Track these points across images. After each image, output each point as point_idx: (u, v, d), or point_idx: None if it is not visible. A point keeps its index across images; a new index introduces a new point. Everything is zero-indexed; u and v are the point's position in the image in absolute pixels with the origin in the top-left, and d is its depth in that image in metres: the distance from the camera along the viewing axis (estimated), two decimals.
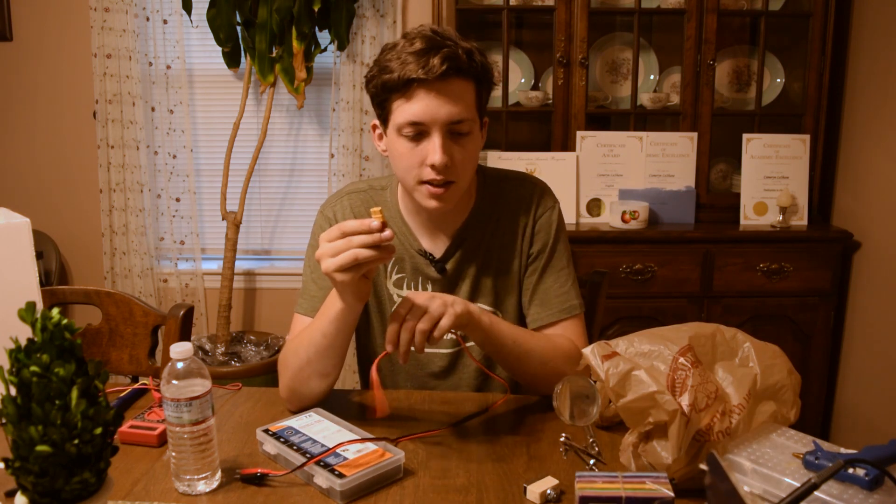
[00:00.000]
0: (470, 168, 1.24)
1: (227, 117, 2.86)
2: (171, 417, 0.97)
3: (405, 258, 1.34)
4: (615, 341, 1.05)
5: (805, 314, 2.55)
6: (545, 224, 1.34)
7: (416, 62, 1.14)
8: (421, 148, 1.19)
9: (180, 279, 3.02)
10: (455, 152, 1.19)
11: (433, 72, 1.13)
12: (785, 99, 2.76)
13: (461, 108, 1.17)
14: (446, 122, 1.17)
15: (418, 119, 1.17)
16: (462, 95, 1.17)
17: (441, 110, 1.16)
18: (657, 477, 0.88)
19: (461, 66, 1.16)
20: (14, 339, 0.70)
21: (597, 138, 2.63)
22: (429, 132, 1.18)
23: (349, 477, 0.97)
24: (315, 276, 1.32)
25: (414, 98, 1.16)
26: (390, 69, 1.17)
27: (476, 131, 1.23)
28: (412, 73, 1.14)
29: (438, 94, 1.15)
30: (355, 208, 1.34)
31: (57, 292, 1.58)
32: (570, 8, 2.55)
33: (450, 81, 1.16)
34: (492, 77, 1.24)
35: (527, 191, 1.35)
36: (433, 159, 1.17)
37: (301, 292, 1.34)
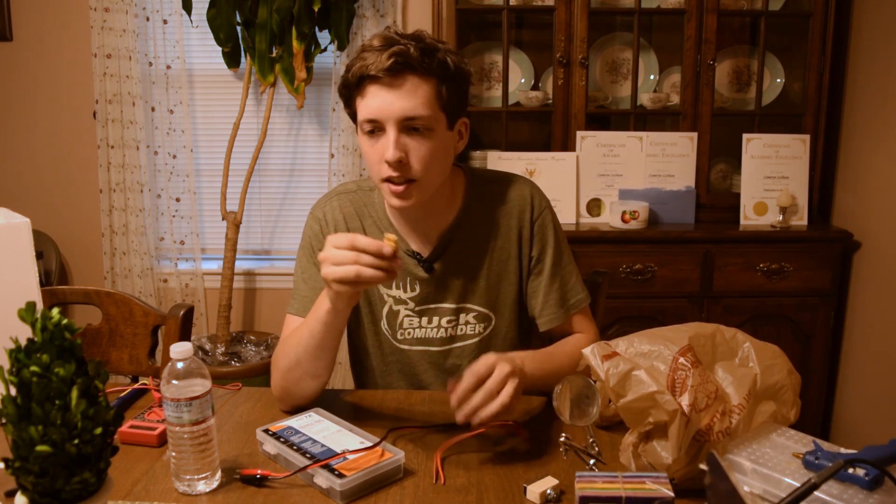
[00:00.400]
0: (433, 166, 1.22)
1: (227, 117, 2.86)
2: (171, 417, 0.97)
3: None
4: (615, 341, 1.05)
5: (805, 314, 2.55)
6: (543, 225, 1.35)
7: (368, 61, 1.17)
8: (379, 145, 1.20)
9: (180, 279, 3.02)
10: (412, 149, 1.19)
11: (381, 67, 1.15)
12: (785, 99, 2.76)
13: (414, 104, 1.17)
14: (399, 118, 1.17)
15: (372, 115, 1.18)
16: (415, 92, 1.17)
17: (393, 106, 1.17)
18: (657, 477, 0.88)
19: (411, 63, 1.16)
20: (14, 339, 0.70)
21: (597, 138, 2.63)
22: (384, 129, 1.19)
23: (349, 477, 0.97)
24: (306, 276, 1.33)
25: (367, 94, 1.19)
26: (350, 69, 1.20)
27: (439, 130, 1.21)
28: (364, 70, 1.17)
29: (389, 90, 1.17)
30: (345, 209, 1.35)
31: (57, 292, 1.58)
32: (570, 8, 2.55)
33: (402, 77, 1.16)
34: (459, 76, 1.23)
35: (518, 192, 1.36)
36: (386, 155, 1.18)
37: (293, 293, 1.35)
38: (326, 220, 1.35)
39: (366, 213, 1.36)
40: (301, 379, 1.21)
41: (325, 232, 1.34)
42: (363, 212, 1.36)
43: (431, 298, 1.34)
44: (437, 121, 1.21)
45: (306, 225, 1.38)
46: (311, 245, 1.35)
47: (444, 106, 1.21)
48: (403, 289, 1.34)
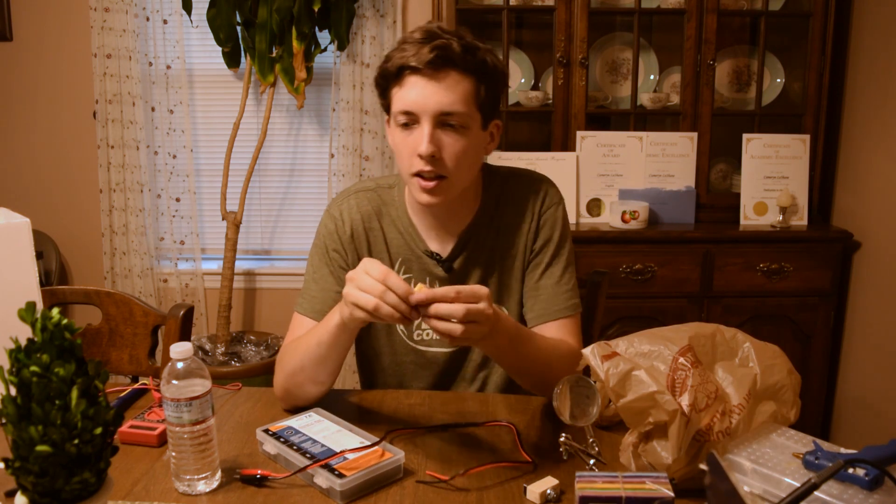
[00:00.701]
0: (464, 165, 1.21)
1: (227, 117, 2.86)
2: (171, 417, 0.97)
3: (412, 259, 1.33)
4: (615, 341, 1.05)
5: (805, 314, 2.55)
6: (549, 219, 1.33)
7: (409, 52, 1.16)
8: (412, 138, 1.19)
9: (180, 279, 3.02)
10: (445, 145, 1.18)
11: (422, 59, 1.14)
12: (785, 99, 2.76)
13: (452, 100, 1.16)
14: (435, 112, 1.16)
15: (408, 108, 1.17)
16: (454, 88, 1.16)
17: (430, 99, 1.16)
18: (657, 477, 0.88)
19: (453, 58, 1.15)
20: (14, 339, 0.70)
21: (597, 138, 2.63)
22: (419, 122, 1.18)
23: (349, 477, 0.97)
24: (317, 276, 1.32)
25: (405, 85, 1.18)
26: (390, 59, 1.19)
27: (474, 128, 1.21)
28: (405, 61, 1.16)
29: (428, 83, 1.16)
30: (362, 208, 1.33)
31: (57, 292, 1.58)
32: (570, 8, 2.55)
33: (443, 72, 1.16)
34: (497, 76, 1.22)
35: (532, 187, 1.34)
36: (420, 149, 1.17)
37: (302, 291, 1.33)
38: (343, 219, 1.33)
39: (384, 212, 1.34)
40: (304, 384, 1.20)
41: (341, 231, 1.32)
42: (382, 211, 1.34)
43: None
44: (473, 119, 1.20)
45: (321, 223, 1.36)
46: (324, 244, 1.33)
47: (481, 105, 1.20)
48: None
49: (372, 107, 2.81)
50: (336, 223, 1.33)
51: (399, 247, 1.33)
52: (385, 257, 1.33)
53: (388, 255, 1.34)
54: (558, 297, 1.31)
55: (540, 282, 1.32)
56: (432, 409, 1.26)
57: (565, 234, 1.35)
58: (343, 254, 1.32)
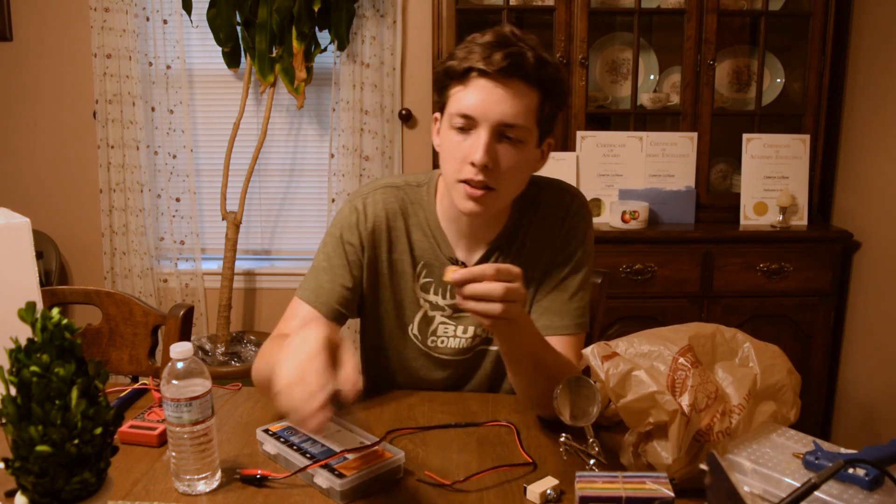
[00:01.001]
0: (514, 180, 1.17)
1: (227, 117, 2.86)
2: (171, 417, 0.97)
3: (435, 264, 1.28)
4: (615, 342, 1.05)
5: (805, 314, 2.55)
6: (573, 231, 1.28)
7: (480, 53, 1.11)
8: (467, 143, 1.14)
9: (180, 279, 3.02)
10: (500, 157, 1.13)
11: (493, 65, 1.09)
12: (785, 99, 2.76)
13: (516, 112, 1.11)
14: (497, 121, 1.11)
15: (469, 111, 1.12)
16: (520, 99, 1.12)
17: (494, 107, 1.11)
18: (657, 477, 0.87)
19: (525, 68, 1.11)
20: (14, 339, 0.70)
21: (597, 138, 2.63)
22: (477, 128, 1.13)
23: (349, 477, 0.97)
24: (327, 265, 1.26)
25: (470, 87, 1.12)
26: (455, 56, 1.14)
27: (529, 144, 1.16)
28: (475, 63, 1.10)
29: (495, 89, 1.11)
30: (388, 205, 1.28)
31: (57, 292, 1.58)
32: (570, 8, 2.55)
33: (510, 81, 1.11)
34: (562, 94, 1.18)
35: (560, 201, 1.29)
36: (474, 156, 1.11)
37: (307, 276, 1.27)
38: (366, 214, 1.27)
39: (411, 211, 1.29)
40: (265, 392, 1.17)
41: (362, 225, 1.27)
42: (408, 210, 1.29)
43: None
44: (531, 134, 1.15)
45: (342, 212, 1.29)
46: (341, 234, 1.27)
47: (541, 121, 1.16)
48: (442, 295, 1.29)
49: (372, 107, 2.81)
50: (358, 216, 1.27)
51: (423, 250, 1.29)
52: (407, 258, 1.29)
53: (410, 256, 1.29)
54: (568, 312, 1.26)
55: (552, 294, 1.27)
56: (432, 409, 1.26)
57: (588, 252, 1.29)
58: (359, 249, 1.27)
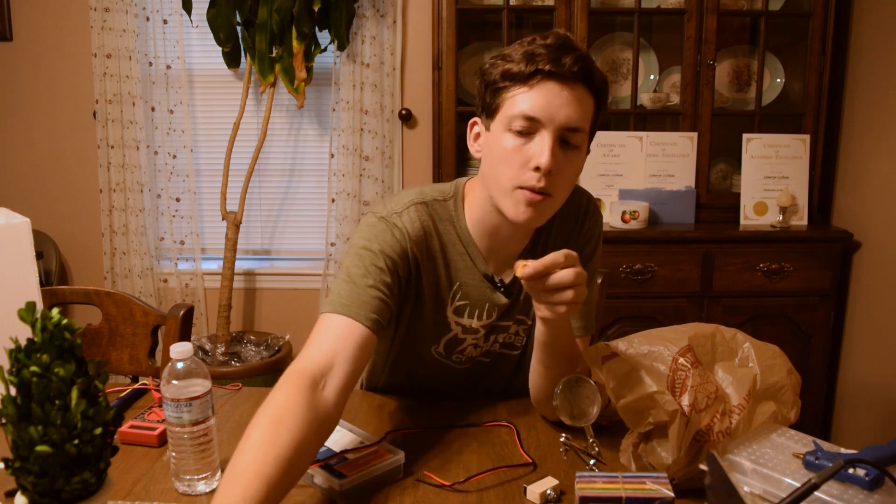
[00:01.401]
0: (569, 187, 1.15)
1: (227, 117, 2.86)
2: (171, 417, 0.97)
3: (471, 283, 1.22)
4: (615, 342, 1.05)
5: (805, 314, 2.55)
6: (589, 233, 1.28)
7: (547, 55, 1.07)
8: (528, 148, 1.09)
9: (180, 279, 3.02)
10: (561, 162, 1.09)
11: (565, 67, 1.06)
12: (785, 99, 2.76)
13: (580, 116, 1.09)
14: (562, 125, 1.08)
15: (535, 113, 1.07)
16: (584, 104, 1.10)
17: (562, 110, 1.07)
18: (657, 477, 0.88)
19: (591, 73, 1.10)
20: (14, 339, 0.70)
21: (597, 138, 2.61)
22: (540, 131, 1.08)
23: (349, 477, 0.97)
24: (372, 281, 1.11)
25: (537, 89, 1.08)
26: (514, 59, 1.09)
27: (583, 150, 1.14)
28: (542, 65, 1.07)
29: (561, 93, 1.08)
30: (424, 223, 1.19)
31: (57, 292, 1.58)
32: (570, 8, 2.55)
33: (576, 86, 1.09)
34: (606, 101, 1.17)
35: (576, 202, 1.27)
36: (539, 160, 1.07)
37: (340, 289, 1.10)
38: (408, 235, 1.17)
39: (441, 229, 1.21)
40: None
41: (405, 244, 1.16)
42: (439, 228, 1.21)
43: (505, 317, 1.27)
44: (585, 140, 1.14)
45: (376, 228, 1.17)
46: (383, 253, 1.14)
47: (592, 128, 1.15)
48: (477, 317, 1.24)
49: (372, 107, 2.81)
50: (403, 236, 1.16)
51: (459, 269, 1.22)
52: (442, 279, 1.22)
53: (447, 277, 1.22)
54: (580, 314, 1.25)
55: None
56: (432, 409, 1.26)
57: (597, 254, 1.30)
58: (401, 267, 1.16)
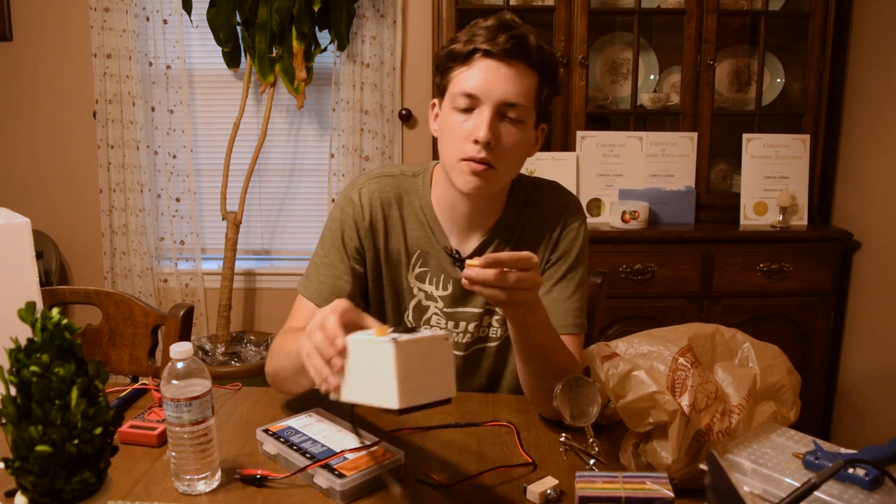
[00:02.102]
0: (513, 159, 1.21)
1: (227, 117, 2.86)
2: (171, 417, 0.97)
3: (430, 253, 1.30)
4: (614, 342, 1.05)
5: (805, 314, 2.55)
6: (572, 234, 1.30)
7: (484, 35, 1.15)
8: (470, 122, 1.17)
9: (180, 279, 3.02)
10: (502, 135, 1.17)
11: (497, 45, 1.14)
12: (785, 99, 2.76)
13: (517, 91, 1.15)
14: (500, 100, 1.15)
15: (473, 90, 1.16)
16: (521, 80, 1.16)
17: (497, 87, 1.15)
18: (657, 477, 0.88)
19: (527, 50, 1.15)
20: (14, 339, 0.70)
21: (597, 138, 2.63)
22: (480, 107, 1.16)
23: (349, 477, 0.97)
24: (328, 260, 1.28)
25: (473, 67, 1.16)
26: (458, 40, 1.18)
27: (528, 125, 1.20)
28: (479, 44, 1.15)
29: (498, 70, 1.15)
30: (384, 194, 1.29)
31: (57, 292, 1.58)
32: (570, 8, 2.55)
33: (512, 62, 1.15)
34: (557, 81, 1.23)
35: (557, 200, 1.32)
36: (478, 134, 1.15)
37: (308, 272, 1.29)
38: (362, 205, 1.28)
39: (406, 200, 1.30)
40: (285, 381, 1.20)
41: (359, 219, 1.28)
42: (403, 199, 1.30)
43: (461, 301, 1.31)
44: (530, 115, 1.19)
45: (339, 206, 1.31)
46: (340, 229, 1.29)
47: (538, 104, 1.20)
48: (436, 285, 1.30)
49: (372, 107, 2.81)
50: (354, 209, 1.28)
51: (418, 238, 1.30)
52: (402, 248, 1.30)
53: (405, 246, 1.30)
54: (567, 313, 1.27)
55: (550, 294, 1.28)
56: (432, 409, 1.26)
57: (584, 252, 1.31)
58: (357, 241, 1.29)
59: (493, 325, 1.34)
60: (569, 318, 1.27)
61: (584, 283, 1.31)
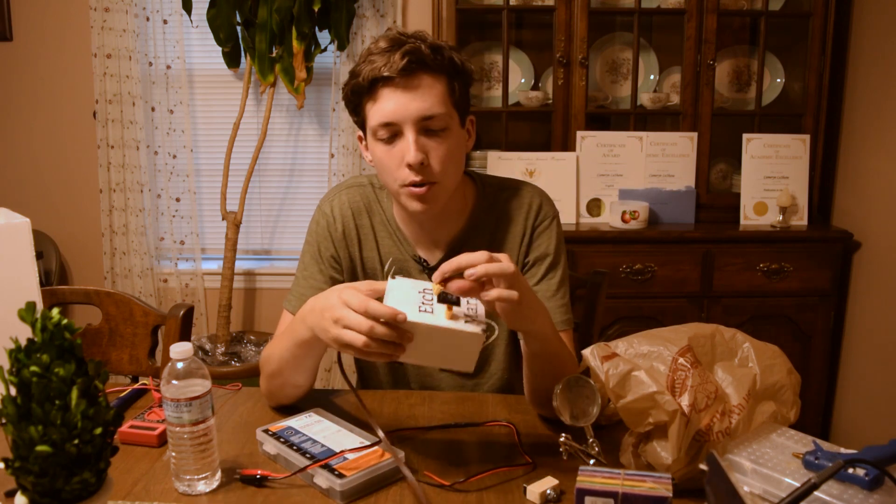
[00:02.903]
0: (452, 166, 1.20)
1: (227, 117, 2.86)
2: (171, 417, 0.97)
3: (402, 260, 1.32)
4: (614, 343, 1.05)
5: (805, 314, 2.55)
6: (545, 233, 1.31)
7: (379, 61, 1.14)
8: (397, 149, 1.17)
9: (180, 279, 3.02)
10: (431, 150, 1.16)
11: (395, 67, 1.12)
12: (785, 99, 2.76)
13: (431, 103, 1.15)
14: (417, 118, 1.15)
15: (388, 119, 1.15)
16: (430, 90, 1.15)
17: (410, 106, 1.14)
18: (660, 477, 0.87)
19: (425, 60, 1.14)
20: (14, 339, 0.70)
21: (597, 138, 2.63)
22: (402, 131, 1.16)
23: (349, 477, 0.97)
24: (307, 273, 1.31)
25: (381, 98, 1.15)
26: (357, 73, 1.17)
27: (454, 128, 1.20)
28: (376, 73, 1.14)
29: (405, 91, 1.14)
30: (354, 204, 1.32)
31: (57, 292, 1.58)
32: (570, 8, 2.55)
33: (415, 77, 1.14)
34: (465, 71, 1.21)
35: (525, 200, 1.32)
36: (408, 158, 1.15)
37: (292, 288, 1.33)
38: (334, 216, 1.32)
39: (375, 210, 1.33)
40: (284, 386, 1.21)
41: (332, 229, 1.31)
42: (373, 208, 1.33)
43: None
44: (452, 118, 1.19)
45: (313, 219, 1.34)
46: (316, 243, 1.32)
47: (456, 103, 1.20)
48: None
49: None
50: (328, 220, 1.32)
51: (389, 247, 1.33)
52: (375, 256, 1.33)
53: (378, 254, 1.33)
54: (553, 311, 1.27)
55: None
56: (432, 410, 1.26)
57: (560, 249, 1.32)
58: (335, 253, 1.32)
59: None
60: (556, 316, 1.28)
61: (565, 278, 1.32)
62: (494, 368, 1.37)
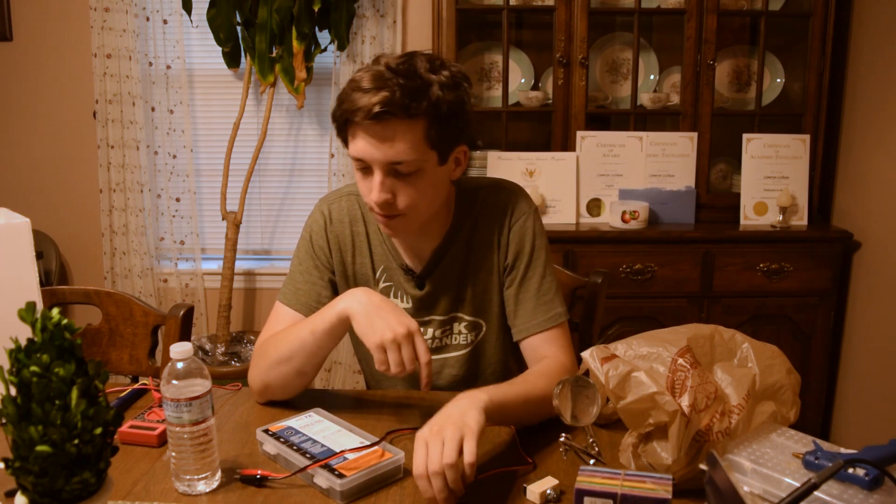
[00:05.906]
0: (421, 203, 1.20)
1: (227, 117, 2.86)
2: (171, 417, 0.97)
3: (391, 268, 1.34)
4: (614, 344, 1.05)
5: (805, 314, 2.55)
6: (519, 232, 1.30)
7: (358, 101, 1.12)
8: (368, 181, 1.19)
9: (180, 279, 3.02)
10: (398, 189, 1.17)
11: (367, 113, 1.11)
12: (785, 99, 2.76)
13: (398, 151, 1.14)
14: (384, 163, 1.15)
15: (360, 156, 1.17)
16: (403, 137, 1.13)
17: (377, 152, 1.14)
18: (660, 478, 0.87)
19: (395, 109, 1.11)
20: (14, 339, 0.70)
21: (597, 138, 2.63)
22: (372, 168, 1.17)
23: (349, 477, 0.97)
24: (303, 268, 1.33)
25: (356, 135, 1.17)
26: (340, 102, 1.17)
27: (428, 168, 1.18)
28: (349, 115, 1.14)
29: (374, 136, 1.14)
30: (352, 212, 1.34)
31: (57, 292, 1.58)
32: (570, 8, 2.55)
33: (388, 124, 1.12)
34: (451, 110, 1.16)
35: (500, 198, 1.32)
36: (372, 197, 1.18)
37: (287, 281, 1.34)
38: (331, 219, 1.34)
39: (368, 218, 1.34)
40: (288, 375, 1.21)
41: (329, 230, 1.33)
42: (367, 217, 1.34)
43: (423, 312, 1.34)
44: (426, 160, 1.17)
45: (311, 216, 1.36)
46: (311, 239, 1.34)
47: (435, 145, 1.17)
48: (400, 299, 1.34)
49: None
50: (325, 220, 1.34)
51: (381, 254, 1.34)
52: (367, 262, 1.34)
53: (370, 261, 1.34)
54: (538, 308, 1.28)
55: (519, 296, 1.29)
56: (432, 410, 1.25)
57: (538, 243, 1.30)
58: (327, 252, 1.34)
59: (462, 332, 1.35)
60: (539, 315, 1.28)
61: (547, 273, 1.30)
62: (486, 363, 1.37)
